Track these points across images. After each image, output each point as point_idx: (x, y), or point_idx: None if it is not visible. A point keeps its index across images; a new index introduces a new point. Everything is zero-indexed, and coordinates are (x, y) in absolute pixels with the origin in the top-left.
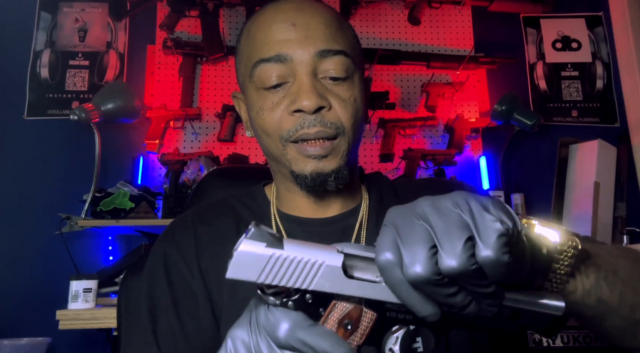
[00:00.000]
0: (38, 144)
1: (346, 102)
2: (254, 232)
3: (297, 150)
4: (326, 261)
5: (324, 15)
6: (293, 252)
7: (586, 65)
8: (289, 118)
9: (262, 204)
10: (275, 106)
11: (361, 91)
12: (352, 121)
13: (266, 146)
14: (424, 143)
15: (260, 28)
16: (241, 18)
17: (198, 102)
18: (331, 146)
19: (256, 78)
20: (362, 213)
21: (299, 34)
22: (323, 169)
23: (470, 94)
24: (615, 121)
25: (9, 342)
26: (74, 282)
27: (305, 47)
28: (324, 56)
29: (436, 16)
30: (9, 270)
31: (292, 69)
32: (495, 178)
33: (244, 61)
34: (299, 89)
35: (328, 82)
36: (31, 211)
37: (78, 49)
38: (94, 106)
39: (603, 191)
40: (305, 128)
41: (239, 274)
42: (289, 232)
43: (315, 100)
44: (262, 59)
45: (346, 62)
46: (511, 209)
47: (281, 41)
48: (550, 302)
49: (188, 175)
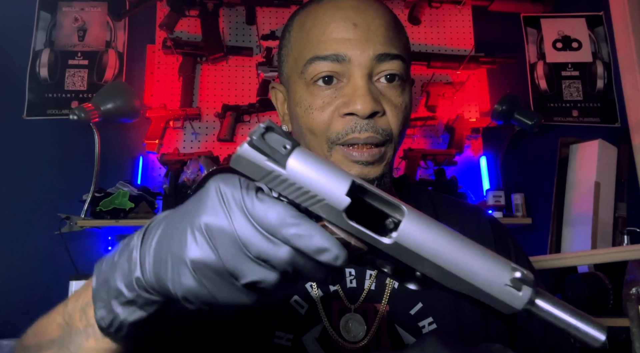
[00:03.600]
0: (38, 144)
1: (398, 108)
2: (257, 140)
3: (343, 154)
4: (327, 200)
5: (385, 18)
6: (295, 176)
7: (587, 65)
8: (340, 120)
9: None
10: (326, 105)
11: (411, 98)
12: (401, 128)
13: (308, 145)
14: (424, 142)
15: (317, 24)
16: (241, 18)
17: (198, 102)
18: (379, 154)
19: (308, 75)
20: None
21: (359, 36)
22: (367, 176)
23: (471, 94)
24: (616, 121)
25: (8, 342)
26: (73, 282)
27: (364, 49)
28: (382, 60)
29: (436, 16)
30: (9, 270)
31: (348, 70)
32: (496, 178)
33: (293, 55)
34: (353, 91)
35: (382, 84)
36: (31, 211)
37: (77, 49)
38: (94, 105)
39: (603, 191)
40: (356, 132)
41: (239, 168)
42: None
43: (371, 105)
44: (317, 56)
45: (402, 67)
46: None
47: (340, 40)
48: (591, 331)
49: (188, 175)
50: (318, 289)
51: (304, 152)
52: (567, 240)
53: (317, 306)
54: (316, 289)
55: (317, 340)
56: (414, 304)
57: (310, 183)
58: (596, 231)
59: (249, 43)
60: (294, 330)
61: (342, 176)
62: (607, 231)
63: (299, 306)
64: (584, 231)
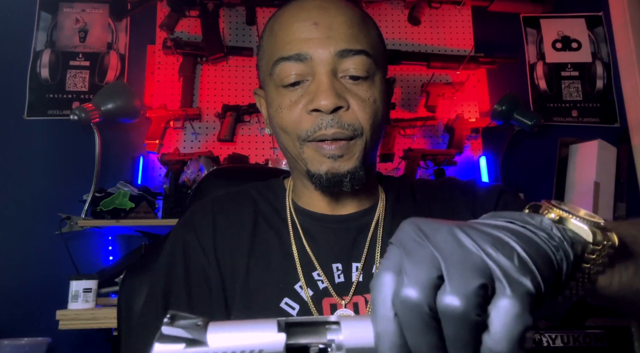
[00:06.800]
0: (38, 144)
1: (365, 102)
2: (167, 330)
3: (314, 149)
4: (265, 348)
5: (348, 15)
6: (221, 346)
7: (586, 65)
8: (307, 117)
9: (280, 197)
10: (294, 104)
11: (382, 92)
12: (371, 122)
13: (284, 143)
14: (424, 143)
15: (282, 26)
16: (241, 18)
17: (198, 102)
18: (347, 146)
19: (276, 76)
20: (379, 212)
21: (321, 34)
22: (338, 170)
23: (470, 94)
24: (615, 121)
25: (9, 342)
26: (74, 282)
27: (325, 47)
28: (344, 56)
29: (436, 16)
30: (9, 270)
31: (312, 68)
32: (495, 178)
33: (265, 58)
34: (317, 88)
35: (348, 81)
36: (31, 211)
37: (78, 50)
38: (94, 106)
39: (603, 191)
40: (322, 129)
41: None
42: (304, 226)
43: (333, 100)
44: (282, 58)
45: (367, 62)
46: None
47: (302, 40)
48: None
49: (188, 175)
50: (308, 288)
51: (219, 322)
52: None
53: (307, 306)
54: (306, 288)
55: None
56: None
57: (239, 343)
58: None
59: (249, 43)
60: None
61: (266, 321)
62: None
63: (289, 308)
64: None
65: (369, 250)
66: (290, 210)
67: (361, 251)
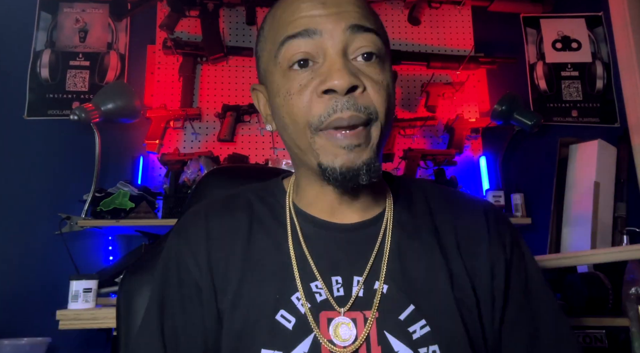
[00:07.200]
0: (38, 144)
1: (380, 85)
2: None
3: (327, 138)
4: None
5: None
6: None
7: (586, 65)
8: (319, 101)
9: (279, 199)
10: (304, 88)
11: (392, 79)
12: (386, 106)
13: (292, 136)
14: (424, 143)
15: (287, 9)
16: (241, 18)
17: (198, 102)
18: (364, 133)
19: (282, 58)
20: (386, 222)
21: (330, 11)
22: (354, 162)
23: (470, 94)
24: (615, 121)
25: (9, 342)
26: (74, 282)
27: (336, 22)
28: (356, 32)
29: (436, 16)
30: (9, 270)
31: (322, 47)
32: (495, 178)
33: (267, 47)
34: (329, 68)
35: (359, 62)
36: (31, 211)
37: (78, 50)
38: (94, 106)
39: (603, 191)
40: (338, 112)
41: None
42: (304, 231)
43: (348, 78)
44: (288, 36)
45: (379, 43)
46: None
47: (310, 16)
48: None
49: (188, 175)
50: (306, 301)
51: None
52: (567, 240)
53: (304, 318)
54: (304, 300)
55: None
56: (405, 308)
57: None
58: (596, 231)
59: (249, 43)
60: (282, 347)
61: None
62: (606, 231)
63: (285, 321)
64: (583, 231)
65: (373, 263)
66: (290, 213)
67: (364, 264)
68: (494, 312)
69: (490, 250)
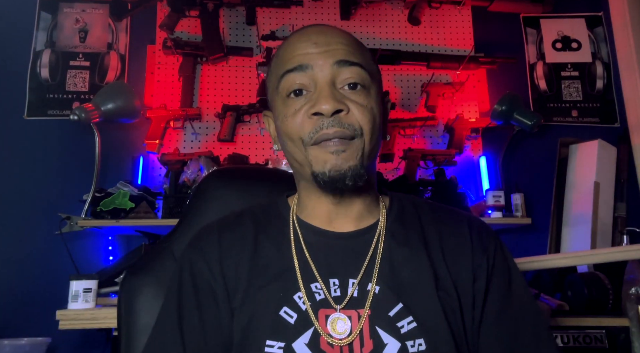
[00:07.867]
0: (38, 144)
1: (364, 107)
2: None
3: (318, 148)
4: None
5: (344, 37)
6: None
7: (586, 65)
8: (309, 121)
9: (283, 213)
10: (297, 112)
11: (378, 104)
12: (370, 125)
13: (290, 151)
14: (424, 143)
15: (287, 49)
16: (241, 18)
17: (198, 102)
18: (348, 143)
19: (281, 88)
20: (379, 231)
21: (320, 50)
22: (341, 166)
23: (470, 94)
24: (615, 121)
25: (9, 342)
26: (74, 282)
27: (325, 58)
28: (342, 66)
29: (436, 16)
30: (9, 270)
31: (314, 79)
32: (495, 178)
33: (272, 79)
34: (319, 95)
35: (346, 90)
36: (31, 211)
37: (79, 50)
38: (94, 106)
39: (603, 191)
40: (324, 129)
41: None
42: (306, 239)
43: (333, 103)
44: (286, 70)
45: (364, 74)
46: None
47: (304, 54)
48: None
49: (188, 175)
50: (307, 299)
51: None
52: (567, 240)
53: (305, 314)
54: (305, 298)
55: (306, 345)
56: (394, 306)
57: None
58: (596, 231)
59: (249, 43)
60: (285, 338)
61: None
62: (606, 231)
63: (288, 316)
64: (583, 231)
65: (366, 268)
66: (293, 223)
67: (359, 267)
68: (474, 312)
69: (473, 256)
